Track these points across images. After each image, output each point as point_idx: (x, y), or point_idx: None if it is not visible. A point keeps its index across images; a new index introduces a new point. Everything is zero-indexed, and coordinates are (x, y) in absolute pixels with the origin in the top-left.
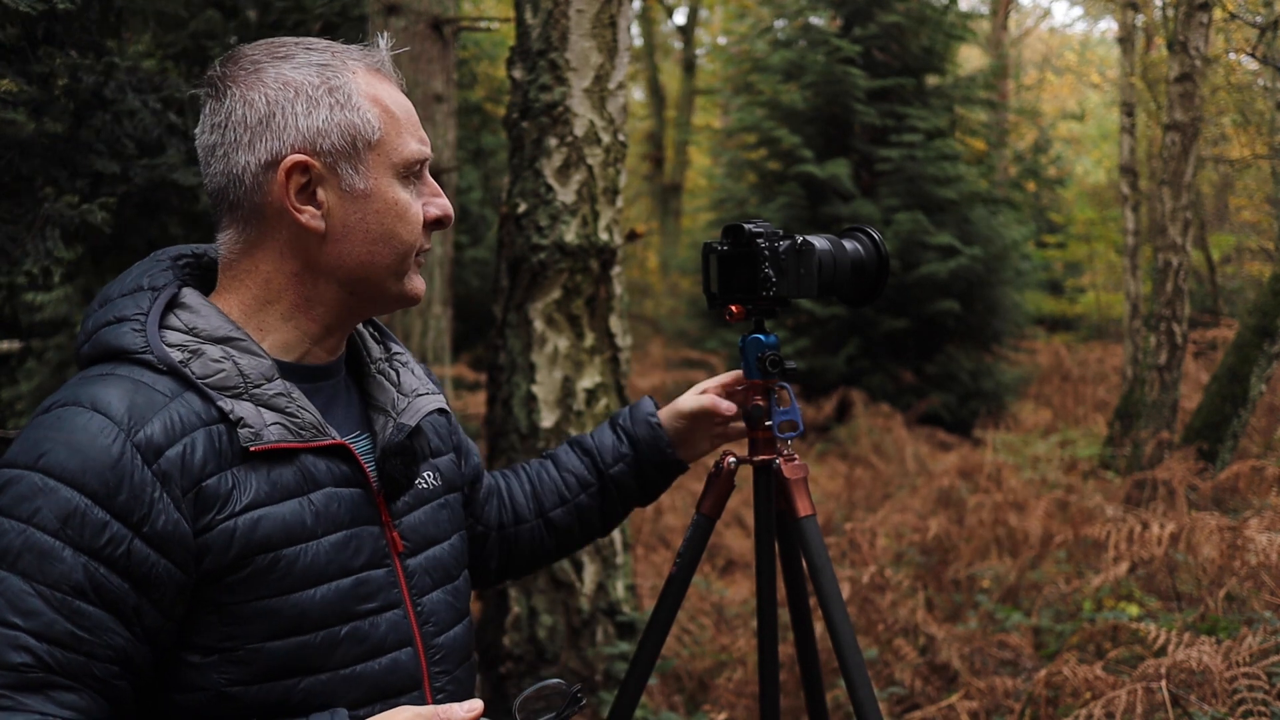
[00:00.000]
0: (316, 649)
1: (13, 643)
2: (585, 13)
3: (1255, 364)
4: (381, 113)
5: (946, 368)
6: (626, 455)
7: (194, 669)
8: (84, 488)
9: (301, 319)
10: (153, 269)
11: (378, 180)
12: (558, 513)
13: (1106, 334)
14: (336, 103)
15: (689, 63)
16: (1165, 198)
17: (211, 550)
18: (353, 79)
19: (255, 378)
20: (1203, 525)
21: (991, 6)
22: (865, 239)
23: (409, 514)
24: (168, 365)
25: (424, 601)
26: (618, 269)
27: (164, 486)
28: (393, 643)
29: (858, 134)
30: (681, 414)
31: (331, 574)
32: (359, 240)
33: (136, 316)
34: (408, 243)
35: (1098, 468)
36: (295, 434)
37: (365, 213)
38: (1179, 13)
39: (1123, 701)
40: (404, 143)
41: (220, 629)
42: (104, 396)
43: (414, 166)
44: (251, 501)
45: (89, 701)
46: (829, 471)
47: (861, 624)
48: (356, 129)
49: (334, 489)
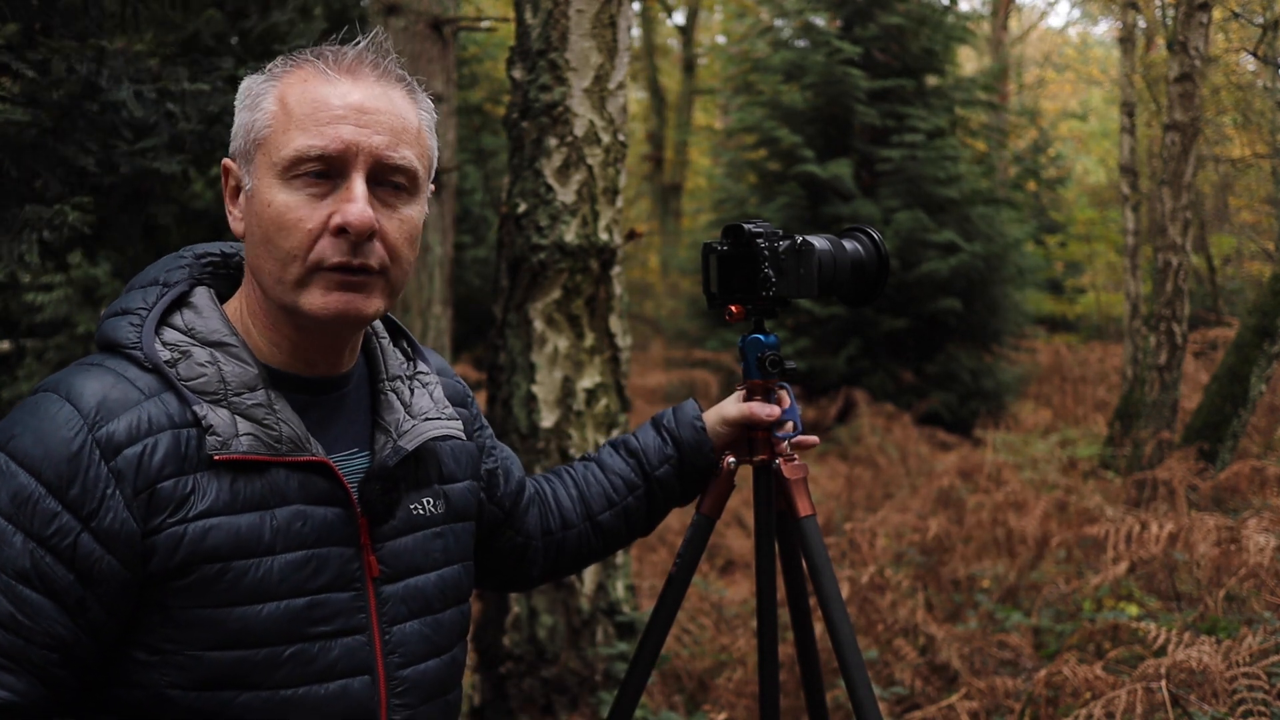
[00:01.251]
0: (257, 665)
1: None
2: (585, 13)
3: (1255, 364)
4: (278, 111)
5: (947, 367)
6: (671, 457)
7: (138, 666)
8: (40, 475)
9: (263, 327)
10: (171, 265)
11: (259, 180)
12: (606, 516)
13: (1106, 334)
14: (245, 106)
15: (689, 63)
16: (1165, 198)
17: (158, 552)
18: (279, 83)
19: (236, 385)
20: (1202, 525)
21: (992, 7)
22: (865, 239)
23: (395, 539)
24: (153, 364)
25: (394, 631)
26: (618, 269)
27: (117, 484)
28: (344, 669)
29: (858, 134)
30: (726, 420)
31: (283, 592)
32: (250, 243)
33: (139, 311)
34: (284, 249)
35: (1098, 468)
36: (268, 447)
37: (250, 214)
38: (1179, 13)
39: (1123, 701)
40: (288, 140)
41: (161, 631)
42: (79, 387)
43: (298, 165)
44: (208, 509)
45: (25, 685)
46: (829, 471)
47: (861, 624)
48: (249, 129)
49: (304, 506)
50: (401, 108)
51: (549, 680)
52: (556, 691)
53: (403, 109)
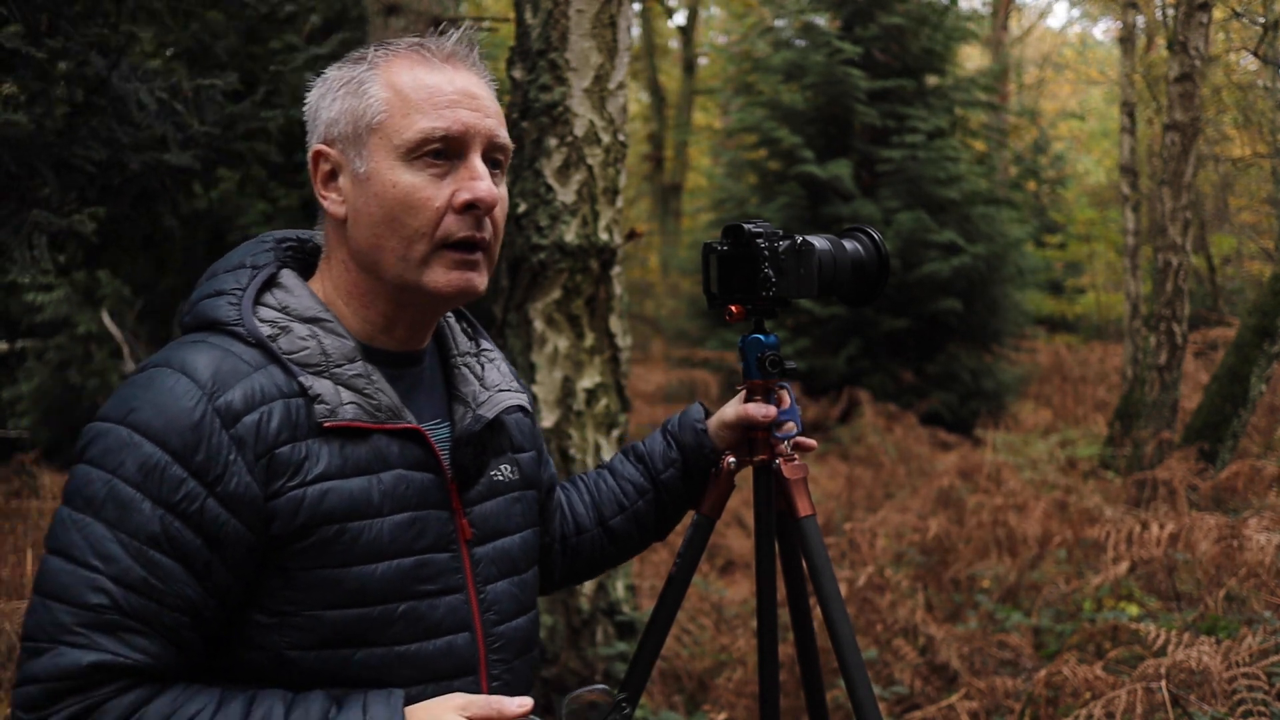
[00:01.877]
0: (373, 623)
1: (91, 584)
2: (585, 13)
3: (1255, 364)
4: (391, 96)
5: (947, 367)
6: (675, 460)
7: (258, 629)
8: (166, 445)
9: (358, 305)
10: (256, 249)
11: (378, 164)
12: (617, 520)
13: (1106, 334)
14: (348, 92)
15: (689, 63)
16: (1165, 198)
17: (279, 515)
18: (379, 71)
19: (337, 357)
20: (1202, 525)
21: (992, 7)
22: (865, 239)
23: (481, 503)
24: (256, 338)
25: (488, 590)
26: (618, 269)
27: (239, 450)
28: (449, 626)
29: (858, 134)
30: (725, 422)
31: (393, 552)
32: (364, 224)
33: (234, 291)
34: (412, 227)
35: (1098, 468)
36: (370, 414)
37: (367, 197)
38: (1179, 13)
39: (1123, 701)
40: (410, 123)
41: (283, 593)
42: (193, 361)
43: (422, 147)
44: (322, 473)
45: (158, 647)
46: (829, 471)
47: (861, 624)
48: (358, 114)
49: (405, 471)
50: (491, 94)
51: (549, 680)
52: (556, 691)
53: (492, 96)
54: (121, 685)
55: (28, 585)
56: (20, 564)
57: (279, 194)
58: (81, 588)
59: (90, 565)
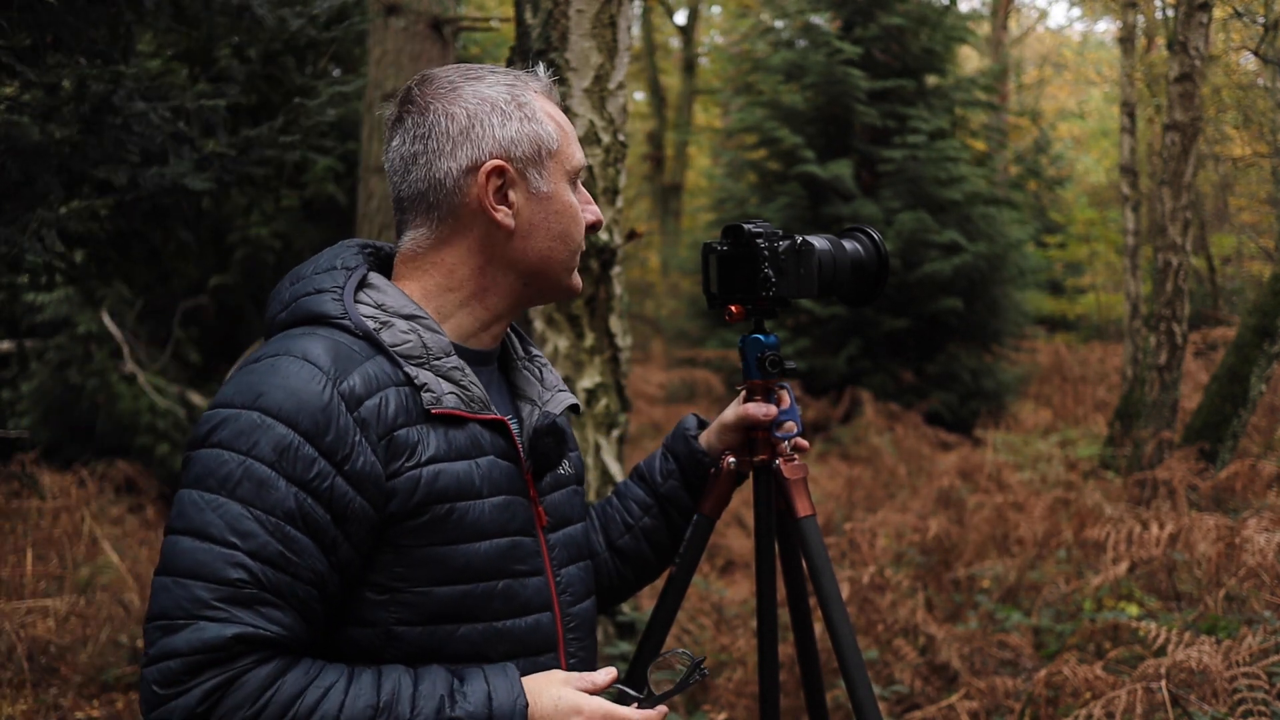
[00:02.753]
0: (476, 599)
1: (230, 560)
2: (585, 13)
3: (1255, 364)
4: (557, 126)
5: (948, 367)
6: (674, 471)
7: (369, 605)
8: (297, 426)
9: (476, 306)
10: (344, 252)
11: (557, 184)
12: (624, 540)
13: (1106, 334)
14: (525, 116)
15: (689, 63)
16: (1165, 198)
17: (398, 494)
18: (535, 97)
19: (436, 351)
20: (1202, 525)
21: (992, 7)
22: (865, 239)
23: (551, 493)
24: (363, 331)
25: (563, 573)
26: (618, 269)
27: (363, 432)
28: (537, 604)
29: (858, 134)
30: (725, 424)
31: (493, 532)
32: (541, 237)
33: (334, 289)
34: (577, 240)
35: (1098, 468)
36: (467, 405)
37: (547, 213)
38: (1179, 12)
39: (1123, 701)
40: (574, 152)
41: (394, 569)
42: (313, 350)
43: (580, 174)
44: (433, 456)
45: (292, 620)
46: (829, 471)
47: (861, 624)
48: (541, 139)
49: (495, 458)
50: None
51: None
52: None
53: None
54: (260, 657)
55: (28, 585)
56: (20, 564)
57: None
58: (220, 564)
59: (228, 542)
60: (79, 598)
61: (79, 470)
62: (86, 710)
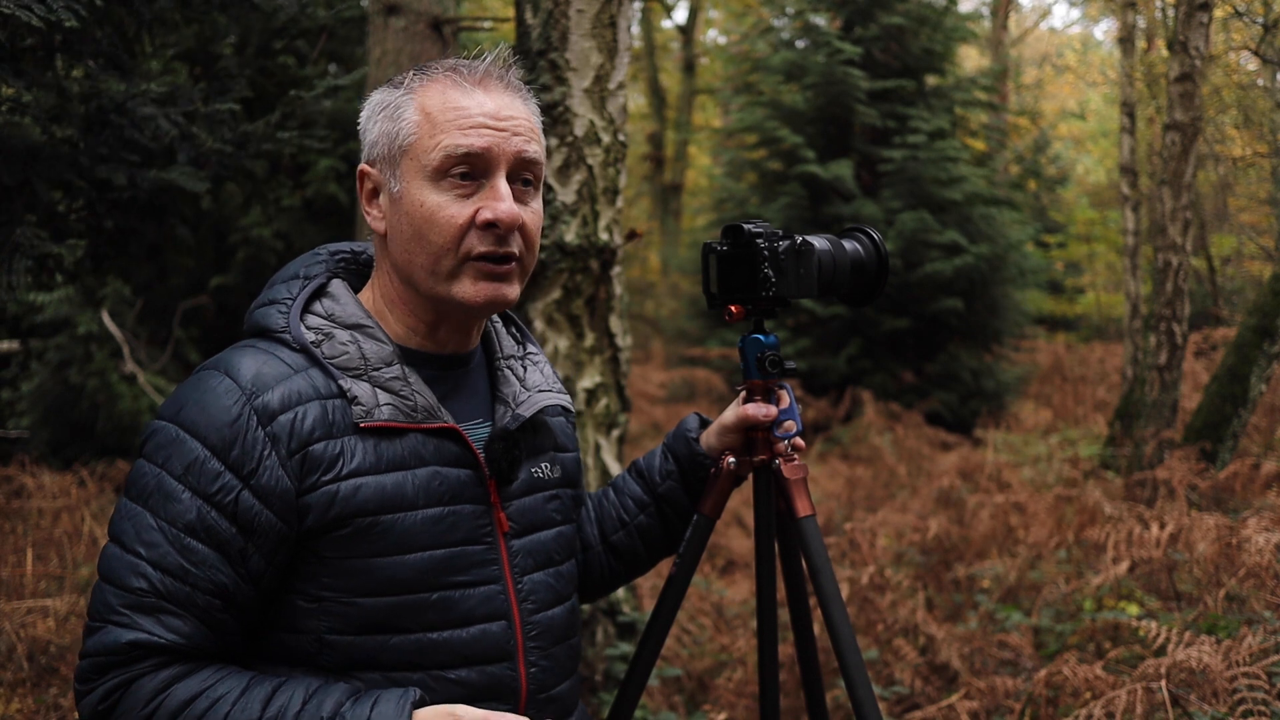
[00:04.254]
0: (406, 611)
1: (134, 569)
2: (585, 13)
3: (1255, 364)
4: (422, 120)
5: (948, 367)
6: (673, 472)
7: (300, 613)
8: (205, 440)
9: (401, 311)
10: (310, 261)
11: (408, 184)
12: (618, 536)
13: (1106, 334)
14: (386, 116)
15: (689, 63)
16: (1165, 198)
17: (314, 508)
18: (414, 95)
19: (375, 361)
20: (1202, 525)
21: (991, 7)
22: (865, 239)
23: (519, 499)
24: (300, 344)
25: (525, 580)
26: (618, 269)
27: (273, 446)
28: (482, 615)
29: (859, 134)
30: (725, 425)
31: (425, 544)
32: (398, 240)
33: (285, 300)
34: (439, 245)
35: (1098, 468)
36: (405, 415)
37: (399, 214)
38: (1179, 13)
39: (1123, 701)
40: (435, 144)
41: (321, 579)
42: (236, 364)
43: (446, 167)
44: (356, 469)
45: (192, 628)
46: (829, 471)
47: (861, 624)
48: (393, 137)
49: (439, 468)
50: (525, 112)
51: None
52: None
53: (526, 114)
54: (156, 662)
55: (28, 585)
56: (20, 564)
57: (281, 193)
58: (126, 572)
59: (135, 551)
60: (79, 598)
61: (79, 470)
62: None
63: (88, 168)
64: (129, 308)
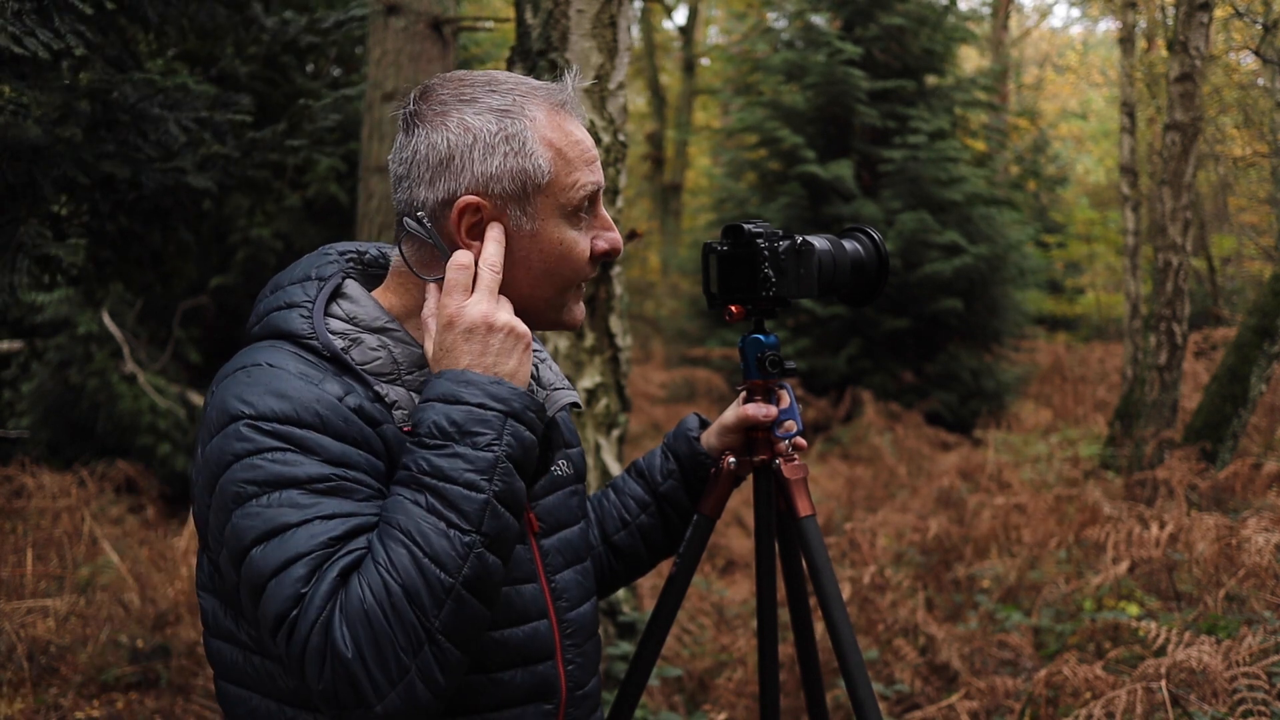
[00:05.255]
0: None
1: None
2: (585, 13)
3: (1255, 364)
4: (554, 156)
5: (948, 367)
6: (674, 471)
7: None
8: (299, 420)
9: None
10: (320, 261)
11: (544, 222)
12: (620, 536)
13: (1106, 334)
14: (511, 150)
15: (689, 63)
16: (1165, 198)
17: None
18: (529, 125)
19: (407, 365)
20: (1202, 525)
21: (992, 7)
22: (865, 239)
23: (544, 498)
24: (330, 351)
25: (557, 579)
26: (618, 269)
27: (360, 417)
28: (534, 613)
29: (859, 134)
30: (725, 425)
31: None
32: (522, 275)
33: (305, 304)
34: (568, 279)
35: (1098, 468)
36: None
37: (529, 251)
38: (1179, 13)
39: (1123, 701)
40: (572, 182)
41: None
42: (279, 360)
43: (582, 204)
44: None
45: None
46: (829, 471)
47: (861, 624)
48: (527, 174)
49: None
50: None
51: None
52: None
53: None
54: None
55: (28, 585)
56: (20, 564)
57: (282, 193)
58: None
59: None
60: (79, 598)
61: (79, 470)
62: (86, 710)
63: (92, 164)
64: (129, 308)
